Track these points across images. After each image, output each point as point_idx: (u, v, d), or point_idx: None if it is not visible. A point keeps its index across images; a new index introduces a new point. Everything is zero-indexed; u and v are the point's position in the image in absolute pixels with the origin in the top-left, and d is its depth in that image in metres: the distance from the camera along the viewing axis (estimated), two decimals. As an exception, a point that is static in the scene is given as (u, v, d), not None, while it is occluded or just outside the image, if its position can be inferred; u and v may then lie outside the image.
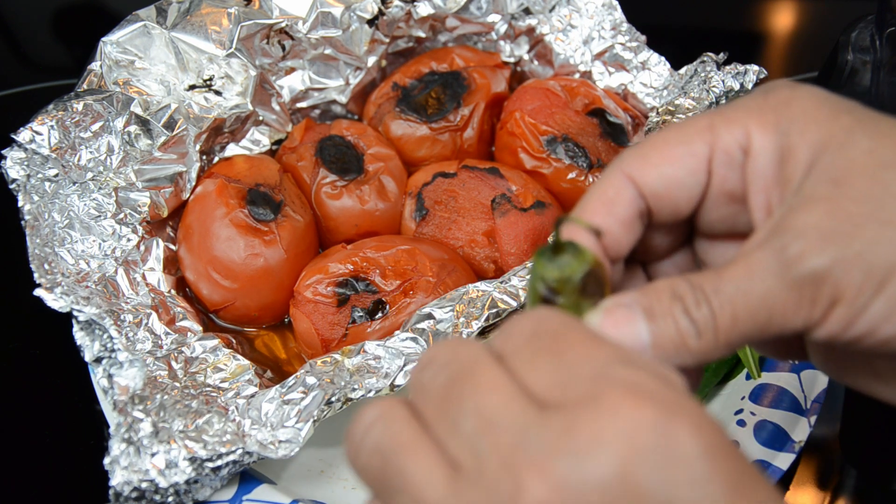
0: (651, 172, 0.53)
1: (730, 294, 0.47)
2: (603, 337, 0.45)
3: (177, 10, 1.05)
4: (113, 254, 0.95)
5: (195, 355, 0.91)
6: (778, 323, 0.48)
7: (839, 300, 0.47)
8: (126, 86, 1.01)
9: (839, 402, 1.01)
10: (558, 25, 1.16)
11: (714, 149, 0.52)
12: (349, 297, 0.95)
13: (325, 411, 0.85)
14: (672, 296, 0.48)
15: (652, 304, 0.48)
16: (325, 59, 1.14)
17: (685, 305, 0.48)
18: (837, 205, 0.47)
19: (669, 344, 0.48)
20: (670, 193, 0.53)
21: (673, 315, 0.48)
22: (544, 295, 0.50)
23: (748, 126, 0.52)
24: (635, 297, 0.49)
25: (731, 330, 0.48)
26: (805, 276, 0.46)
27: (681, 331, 0.48)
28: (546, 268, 0.50)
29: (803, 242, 0.47)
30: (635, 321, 0.48)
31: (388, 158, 1.08)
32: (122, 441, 0.79)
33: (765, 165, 0.51)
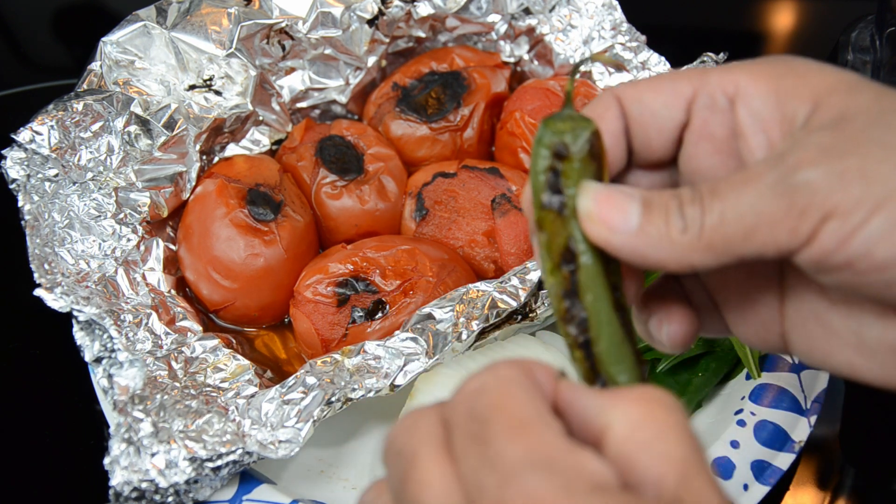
0: (634, 96, 0.55)
1: (722, 195, 0.48)
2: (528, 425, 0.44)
3: (177, 10, 1.05)
4: (113, 254, 0.95)
5: (195, 355, 0.91)
6: (763, 232, 0.47)
7: (832, 214, 0.46)
8: (126, 86, 1.01)
9: (839, 402, 1.01)
10: (558, 25, 1.16)
11: (698, 91, 0.54)
12: (349, 297, 0.95)
13: (326, 411, 0.85)
14: (672, 194, 0.49)
15: (651, 196, 0.50)
16: (325, 59, 1.14)
17: (680, 201, 0.49)
18: (842, 130, 0.47)
19: (654, 233, 0.49)
20: (644, 119, 0.55)
21: (667, 208, 0.49)
22: (556, 148, 0.51)
23: (737, 76, 0.53)
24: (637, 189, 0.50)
25: (716, 230, 0.48)
26: (797, 184, 0.46)
27: (669, 224, 0.48)
28: (557, 123, 0.51)
29: (801, 153, 0.47)
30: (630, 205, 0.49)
31: (388, 158, 1.08)
32: (122, 441, 0.79)
33: (761, 106, 0.52)
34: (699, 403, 0.94)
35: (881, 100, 0.48)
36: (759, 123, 0.52)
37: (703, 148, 0.55)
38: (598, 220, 0.50)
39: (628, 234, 0.49)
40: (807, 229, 0.46)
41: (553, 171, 0.51)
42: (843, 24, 1.15)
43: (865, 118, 0.47)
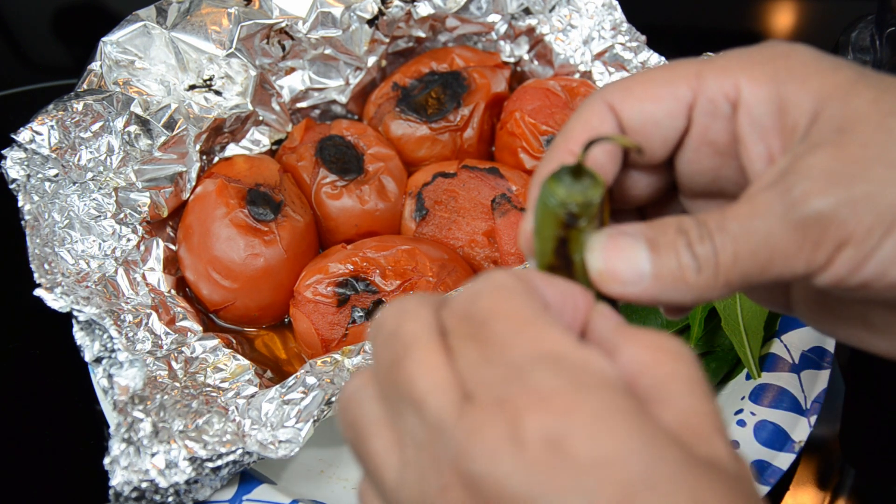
0: (633, 106, 0.53)
1: (733, 232, 0.47)
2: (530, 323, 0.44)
3: (177, 10, 1.05)
4: (113, 254, 0.95)
5: (195, 355, 0.91)
6: (779, 265, 0.47)
7: (847, 242, 0.46)
8: (126, 86, 1.01)
9: (839, 402, 1.01)
10: (558, 25, 1.16)
11: (697, 95, 0.52)
12: (349, 297, 0.95)
13: (326, 411, 0.85)
14: (677, 229, 0.48)
15: (657, 235, 0.48)
16: (325, 59, 1.14)
17: (689, 239, 0.47)
18: (843, 149, 0.46)
19: (669, 277, 0.48)
20: (646, 130, 0.53)
21: (676, 248, 0.47)
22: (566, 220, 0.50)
23: (738, 77, 0.51)
24: (640, 227, 0.49)
25: (732, 268, 0.47)
26: (810, 217, 0.46)
27: (682, 265, 0.47)
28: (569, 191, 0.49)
29: (808, 183, 0.46)
30: (637, 250, 0.48)
31: (388, 158, 1.08)
32: (122, 441, 0.79)
33: (762, 115, 0.51)
34: (699, 403, 0.94)
35: (881, 102, 0.48)
36: (760, 132, 0.51)
37: (703, 152, 0.54)
38: (611, 279, 0.48)
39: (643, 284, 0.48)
40: (822, 258, 0.46)
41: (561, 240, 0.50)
42: (843, 24, 1.15)
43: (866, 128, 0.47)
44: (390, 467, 0.45)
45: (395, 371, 0.44)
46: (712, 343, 0.97)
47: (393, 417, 0.45)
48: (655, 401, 0.42)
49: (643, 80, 0.53)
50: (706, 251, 0.47)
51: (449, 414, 0.42)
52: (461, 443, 0.41)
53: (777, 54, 0.51)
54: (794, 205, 0.46)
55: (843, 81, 0.49)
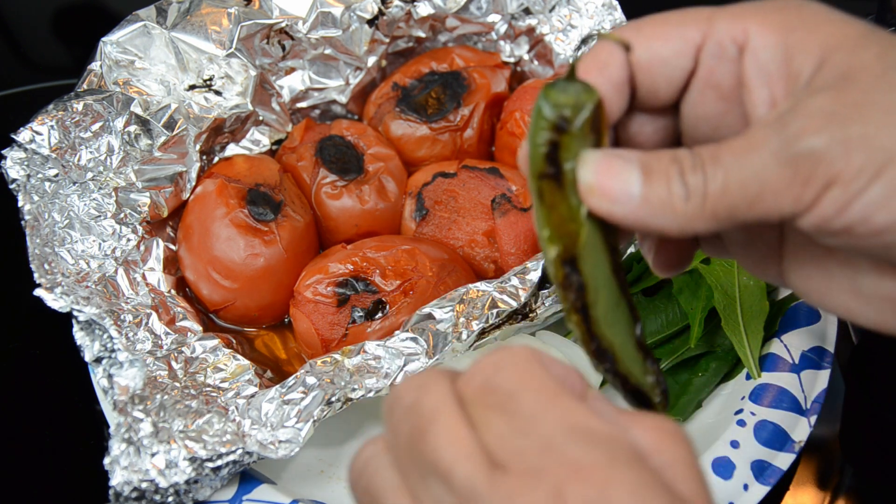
0: (642, 43, 0.54)
1: (725, 162, 0.48)
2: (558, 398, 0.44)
3: (177, 10, 1.05)
4: (113, 254, 0.95)
5: (195, 355, 0.91)
6: (767, 200, 0.47)
7: (835, 181, 0.46)
8: (126, 86, 1.01)
9: (839, 402, 1.01)
10: (558, 25, 1.16)
11: (706, 38, 0.53)
12: (349, 297, 0.95)
13: (326, 411, 0.85)
14: (672, 158, 0.49)
15: (651, 161, 0.49)
16: (325, 59, 1.13)
17: (682, 168, 0.48)
18: (844, 93, 0.47)
19: (657, 202, 0.48)
20: (653, 68, 0.54)
21: (668, 175, 0.48)
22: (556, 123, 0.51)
23: (747, 23, 0.52)
24: (636, 152, 0.50)
25: (720, 199, 0.48)
26: (802, 153, 0.46)
27: (671, 192, 0.48)
28: (559, 95, 0.51)
29: (805, 121, 0.47)
30: (630, 173, 0.49)
31: (388, 158, 1.08)
32: (122, 441, 0.79)
33: (768, 60, 0.51)
34: (699, 403, 0.94)
35: (886, 56, 0.48)
36: (765, 77, 0.52)
37: (708, 95, 0.55)
38: (600, 193, 0.49)
39: (630, 205, 0.49)
40: (809, 196, 0.47)
41: (552, 144, 0.51)
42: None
43: (869, 77, 0.47)
44: None
45: (417, 442, 0.44)
46: (712, 343, 0.96)
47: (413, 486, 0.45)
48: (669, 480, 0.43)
49: (655, 21, 0.55)
50: (696, 179, 0.48)
51: (480, 481, 0.42)
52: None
53: (789, 5, 0.52)
54: (788, 141, 0.47)
55: (852, 34, 0.50)
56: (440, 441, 0.44)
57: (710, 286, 0.95)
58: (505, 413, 0.44)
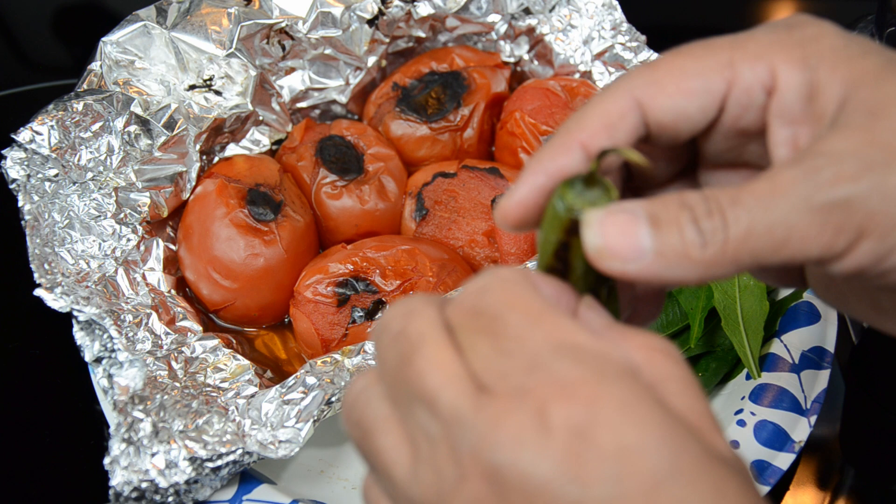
0: (663, 102, 0.50)
1: (749, 206, 0.45)
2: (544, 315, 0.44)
3: (177, 10, 1.04)
4: (113, 254, 0.95)
5: (195, 355, 0.91)
6: (795, 247, 0.45)
7: (868, 233, 0.44)
8: (126, 86, 1.01)
9: (839, 402, 1.01)
10: (558, 25, 1.16)
11: (732, 87, 0.50)
12: (349, 297, 0.95)
13: (326, 411, 0.85)
14: (681, 204, 0.46)
15: (658, 211, 0.46)
16: (325, 59, 1.13)
17: (694, 215, 0.45)
18: (876, 135, 0.45)
19: (671, 253, 0.45)
20: (677, 125, 0.51)
21: (679, 223, 0.45)
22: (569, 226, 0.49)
23: (773, 63, 0.49)
24: (640, 203, 0.46)
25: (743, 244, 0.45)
26: (836, 201, 0.44)
27: (685, 241, 0.45)
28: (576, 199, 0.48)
29: (839, 167, 0.44)
30: (638, 225, 0.46)
31: (388, 158, 1.08)
32: (122, 441, 0.79)
33: (792, 101, 0.49)
34: (699, 403, 0.94)
35: None
36: (788, 118, 0.49)
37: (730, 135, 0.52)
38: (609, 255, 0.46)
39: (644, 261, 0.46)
40: (841, 245, 0.45)
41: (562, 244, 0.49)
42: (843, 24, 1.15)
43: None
44: (400, 464, 0.45)
45: (404, 369, 0.44)
46: (712, 343, 0.96)
47: (402, 415, 0.45)
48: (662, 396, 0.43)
49: (673, 72, 0.50)
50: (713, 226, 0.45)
51: (465, 406, 0.42)
52: (483, 432, 0.41)
53: (807, 37, 0.49)
54: (821, 187, 0.44)
55: (872, 67, 0.47)
56: (425, 367, 0.43)
57: (710, 286, 0.95)
58: (490, 335, 0.43)
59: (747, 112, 0.51)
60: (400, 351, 0.45)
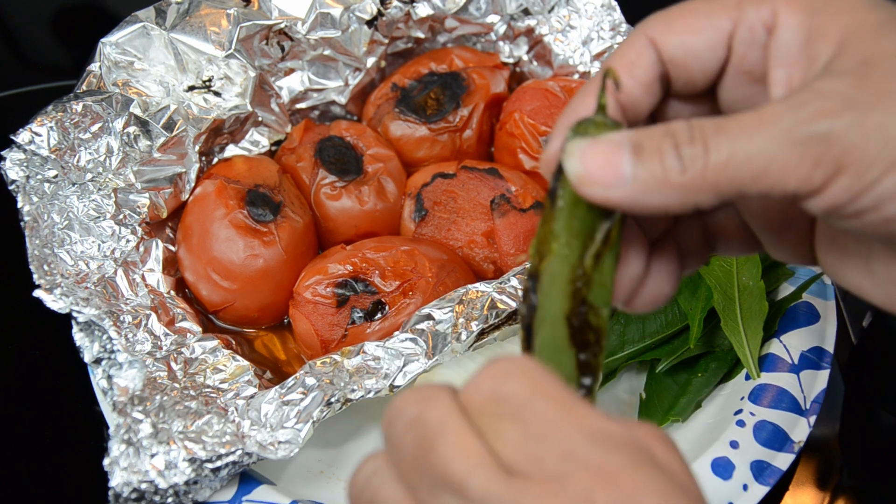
0: (673, 39, 0.53)
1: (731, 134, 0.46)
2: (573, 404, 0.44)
3: (176, 10, 1.04)
4: (112, 255, 0.95)
5: (195, 356, 0.91)
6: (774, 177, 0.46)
7: (845, 168, 0.45)
8: (125, 87, 1.01)
9: (839, 403, 1.01)
10: (557, 26, 1.16)
11: (737, 25, 0.52)
12: (348, 297, 0.95)
13: (325, 412, 0.85)
14: (665, 132, 0.47)
15: (642, 139, 0.47)
16: (324, 60, 1.13)
17: (676, 141, 0.47)
18: (865, 80, 0.46)
19: (651, 179, 0.47)
20: (687, 63, 0.53)
21: (661, 150, 0.47)
22: None
23: (776, 4, 0.51)
24: (626, 133, 0.48)
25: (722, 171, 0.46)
26: (816, 134, 0.45)
27: (666, 167, 0.47)
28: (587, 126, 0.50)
29: (823, 103, 0.46)
30: (619, 154, 0.47)
31: (387, 159, 1.08)
32: (121, 442, 0.79)
33: (789, 41, 0.51)
34: (699, 404, 0.94)
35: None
36: (785, 58, 0.51)
37: (741, 80, 0.54)
38: (590, 181, 0.48)
39: (624, 187, 0.47)
40: (819, 179, 0.46)
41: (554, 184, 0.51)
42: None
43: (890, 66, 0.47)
44: None
45: (426, 455, 0.44)
46: (711, 343, 0.96)
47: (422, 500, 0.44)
48: None
49: (683, 13, 0.53)
50: (694, 151, 0.46)
51: (500, 490, 0.41)
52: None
53: None
54: (802, 120, 0.45)
55: (876, 20, 0.49)
56: (450, 453, 0.43)
57: (710, 286, 0.95)
58: (518, 421, 0.43)
59: (752, 51, 0.52)
60: (418, 437, 0.44)
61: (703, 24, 0.53)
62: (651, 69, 0.53)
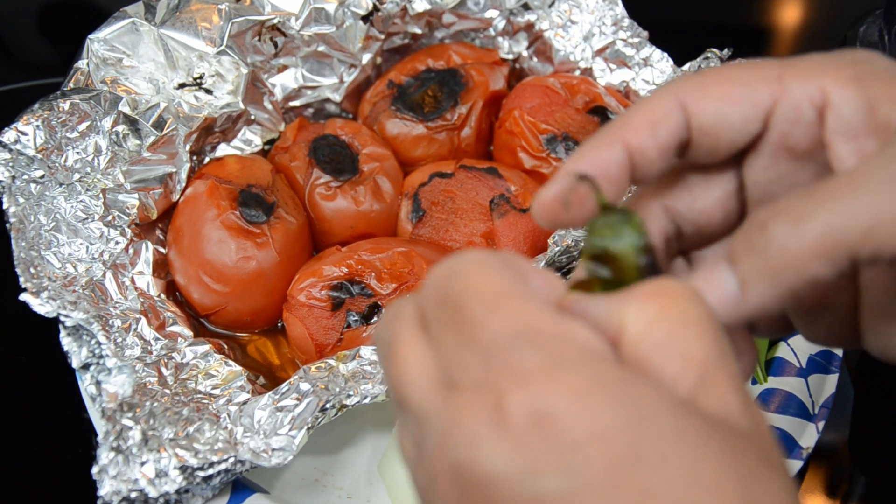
0: (707, 106, 0.50)
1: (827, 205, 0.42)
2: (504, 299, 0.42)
3: (166, 6, 1.03)
4: (101, 257, 0.93)
5: (186, 361, 0.90)
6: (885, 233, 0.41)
7: None
8: (114, 84, 0.99)
9: (848, 408, 1.00)
10: (558, 21, 1.14)
11: (779, 101, 0.49)
12: (344, 300, 0.94)
13: (320, 418, 0.83)
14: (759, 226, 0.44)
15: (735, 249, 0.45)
16: (318, 57, 1.12)
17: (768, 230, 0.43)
18: None
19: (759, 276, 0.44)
20: (718, 132, 0.50)
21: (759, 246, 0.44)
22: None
23: (824, 81, 0.48)
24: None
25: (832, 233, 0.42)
26: None
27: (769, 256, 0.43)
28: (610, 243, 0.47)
29: None
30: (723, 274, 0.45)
31: (383, 158, 1.06)
32: (110, 450, 0.78)
33: (850, 114, 0.48)
34: (704, 409, 0.93)
35: None
36: (850, 132, 0.48)
37: (780, 157, 0.51)
38: None
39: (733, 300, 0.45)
40: None
41: None
42: (850, 19, 1.14)
43: None
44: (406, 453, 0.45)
45: (386, 374, 0.45)
46: (718, 347, 0.95)
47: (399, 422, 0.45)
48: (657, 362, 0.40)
49: (720, 79, 0.50)
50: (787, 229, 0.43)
51: (431, 405, 0.41)
52: (443, 432, 0.40)
53: (858, 59, 0.49)
54: None
55: None
56: (396, 371, 0.43)
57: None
58: (453, 325, 0.42)
59: (795, 128, 0.50)
60: (381, 358, 0.45)
61: (741, 95, 0.50)
62: (675, 133, 0.50)
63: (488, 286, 0.42)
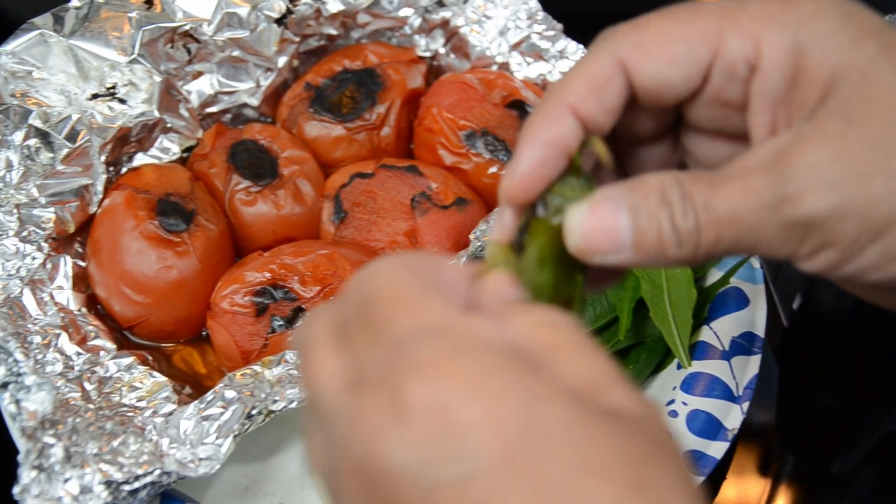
0: (648, 67, 0.51)
1: (719, 213, 0.47)
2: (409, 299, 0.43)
3: (74, 16, 1.01)
4: (17, 273, 0.91)
5: (109, 375, 0.88)
6: (763, 250, 0.48)
7: (829, 245, 0.47)
8: (24, 98, 0.97)
9: (773, 388, 1.01)
10: (473, 17, 1.14)
11: (717, 57, 0.51)
12: (268, 305, 0.93)
13: (247, 425, 0.83)
14: (661, 200, 0.48)
15: (639, 203, 0.48)
16: (233, 62, 1.10)
17: (672, 213, 0.47)
18: (847, 147, 0.46)
19: (649, 247, 0.48)
20: (660, 91, 0.52)
21: (658, 219, 0.47)
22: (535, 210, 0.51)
23: (760, 39, 0.50)
24: (623, 191, 0.48)
25: (714, 247, 0.48)
26: (799, 219, 0.46)
27: (662, 237, 0.48)
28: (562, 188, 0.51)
29: (804, 183, 0.46)
30: (619, 216, 0.48)
31: (303, 161, 1.05)
32: (32, 468, 0.77)
33: (775, 85, 0.50)
34: (632, 396, 0.93)
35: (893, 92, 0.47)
36: (769, 101, 0.50)
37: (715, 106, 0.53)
38: (589, 252, 0.49)
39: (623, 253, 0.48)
40: (804, 253, 0.48)
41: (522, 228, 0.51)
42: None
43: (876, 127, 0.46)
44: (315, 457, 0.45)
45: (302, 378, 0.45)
46: (641, 334, 0.95)
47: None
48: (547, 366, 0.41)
49: (659, 37, 0.51)
50: (689, 227, 0.47)
51: (338, 405, 0.42)
52: (348, 429, 0.40)
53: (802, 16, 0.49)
54: (787, 201, 0.46)
55: (862, 60, 0.48)
56: (308, 374, 0.44)
57: (637, 276, 0.94)
58: (365, 326, 0.43)
59: (730, 84, 0.51)
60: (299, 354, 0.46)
61: (682, 55, 0.51)
62: (619, 96, 0.52)
63: (396, 288, 0.43)
